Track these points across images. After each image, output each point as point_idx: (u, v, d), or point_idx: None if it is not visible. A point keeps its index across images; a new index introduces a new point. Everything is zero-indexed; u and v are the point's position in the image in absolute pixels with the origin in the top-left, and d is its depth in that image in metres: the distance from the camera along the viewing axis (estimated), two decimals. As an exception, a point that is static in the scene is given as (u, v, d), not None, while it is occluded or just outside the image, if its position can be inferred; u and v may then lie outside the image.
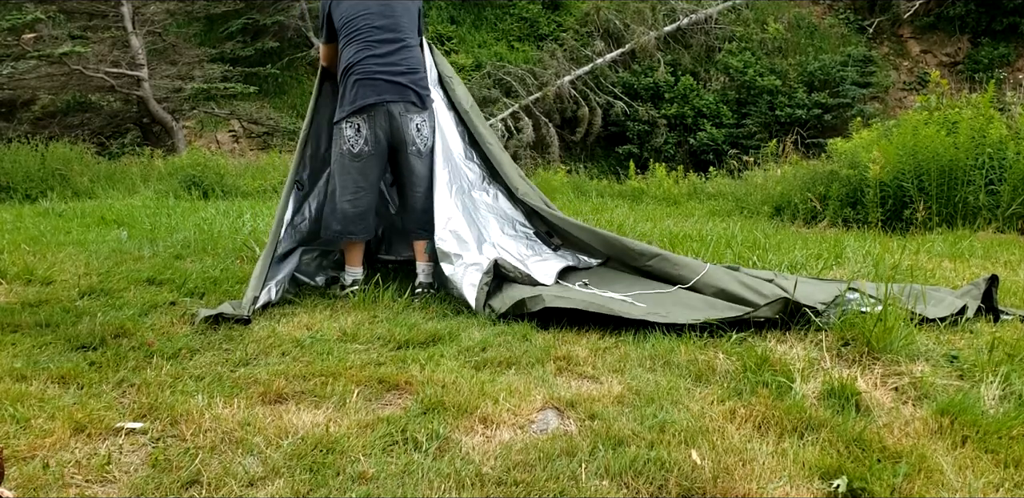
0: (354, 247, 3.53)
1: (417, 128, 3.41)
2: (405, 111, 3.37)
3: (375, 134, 3.37)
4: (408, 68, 3.40)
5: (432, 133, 3.48)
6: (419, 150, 3.44)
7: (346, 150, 3.41)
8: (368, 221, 3.48)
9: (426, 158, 3.46)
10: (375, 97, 3.34)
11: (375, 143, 3.39)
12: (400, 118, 3.37)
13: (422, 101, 3.43)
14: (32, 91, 12.86)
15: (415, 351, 2.64)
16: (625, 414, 2.07)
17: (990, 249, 4.71)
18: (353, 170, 3.42)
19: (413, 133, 3.39)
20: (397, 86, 3.36)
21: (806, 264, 4.09)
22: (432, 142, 3.47)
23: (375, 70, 3.35)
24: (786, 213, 6.89)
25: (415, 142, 3.41)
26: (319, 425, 1.99)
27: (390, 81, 3.35)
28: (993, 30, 13.72)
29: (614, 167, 12.46)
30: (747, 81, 12.67)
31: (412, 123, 3.39)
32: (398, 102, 3.36)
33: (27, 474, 1.72)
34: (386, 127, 3.37)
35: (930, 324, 2.85)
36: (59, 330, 2.84)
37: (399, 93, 3.36)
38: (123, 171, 9.68)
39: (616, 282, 3.34)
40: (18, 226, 5.63)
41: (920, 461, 1.79)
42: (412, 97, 3.39)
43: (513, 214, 3.70)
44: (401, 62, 3.39)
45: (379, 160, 3.45)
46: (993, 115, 6.15)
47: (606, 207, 7.92)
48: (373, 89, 3.34)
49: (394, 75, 3.36)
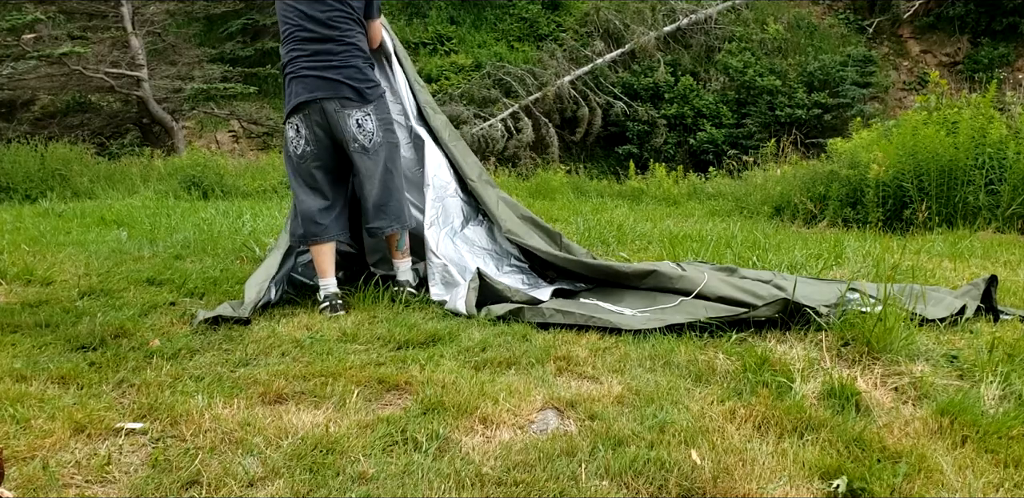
0: (321, 254, 3.32)
1: (358, 124, 3.24)
2: (341, 107, 3.23)
3: (314, 133, 3.26)
4: (341, 63, 3.24)
5: (380, 127, 3.30)
6: (363, 146, 3.27)
7: (291, 152, 3.33)
8: (328, 222, 3.32)
9: (376, 153, 3.30)
10: (306, 95, 3.23)
11: (315, 142, 3.27)
12: (336, 115, 3.23)
13: (360, 95, 3.25)
14: (32, 91, 12.87)
15: (415, 351, 2.64)
16: (625, 414, 2.07)
17: (990, 249, 4.71)
18: (302, 171, 3.33)
19: (353, 129, 3.24)
20: (328, 82, 3.22)
21: (806, 264, 4.09)
22: (381, 137, 3.30)
23: (304, 66, 3.24)
24: (786, 213, 6.90)
25: (357, 139, 3.25)
26: (319, 425, 1.99)
27: (321, 77, 3.22)
28: (993, 30, 13.72)
29: (614, 167, 12.46)
30: (747, 81, 12.67)
31: (351, 119, 3.23)
32: (331, 99, 3.22)
33: (27, 474, 1.72)
34: (324, 124, 3.25)
35: (930, 324, 2.85)
36: (59, 330, 2.84)
37: (331, 89, 3.22)
38: (123, 171, 9.68)
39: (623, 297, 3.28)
40: (18, 226, 5.63)
41: (920, 461, 1.79)
42: (346, 92, 3.23)
43: (508, 248, 3.65)
44: (332, 58, 3.24)
45: (325, 158, 3.31)
46: (993, 115, 6.15)
47: (606, 207, 7.92)
48: (304, 86, 3.23)
49: (324, 70, 3.22)
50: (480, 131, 11.91)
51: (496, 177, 10.49)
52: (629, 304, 3.17)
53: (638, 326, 2.81)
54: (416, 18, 14.80)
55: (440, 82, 12.98)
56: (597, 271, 3.47)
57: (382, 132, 3.30)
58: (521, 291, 3.27)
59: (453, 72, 13.47)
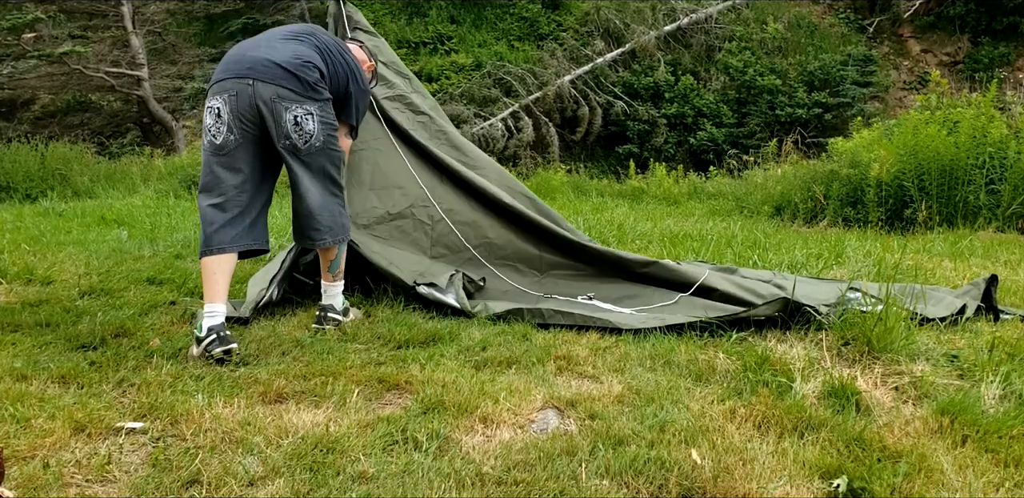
0: (210, 272, 2.70)
1: (296, 121, 2.72)
2: (278, 98, 2.69)
3: (239, 119, 2.70)
4: (294, 55, 2.75)
5: (323, 131, 2.80)
6: (295, 145, 2.75)
7: (207, 143, 2.75)
8: (239, 230, 2.77)
9: (310, 156, 2.80)
10: (236, 71, 2.71)
11: (241, 130, 2.71)
12: (271, 104, 2.70)
13: (306, 88, 2.74)
14: (32, 91, 12.87)
15: (415, 351, 2.64)
16: (625, 414, 2.07)
17: (990, 249, 4.70)
18: (216, 166, 2.73)
19: (289, 125, 2.71)
20: (273, 66, 2.71)
21: (806, 264, 4.09)
22: (322, 142, 2.81)
23: (245, 47, 2.81)
24: (786, 213, 6.90)
25: (290, 136, 2.73)
26: (319, 425, 1.99)
27: (264, 59, 2.71)
28: (993, 30, 13.71)
29: (614, 167, 12.45)
30: (747, 81, 12.66)
31: (288, 113, 2.71)
32: (268, 83, 2.68)
33: (27, 474, 1.72)
34: (255, 111, 2.70)
35: (930, 324, 2.85)
36: (59, 330, 2.85)
37: (272, 74, 2.70)
38: (123, 171, 9.68)
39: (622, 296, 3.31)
40: (18, 226, 5.63)
41: (920, 461, 1.79)
42: (290, 82, 2.71)
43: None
44: (285, 49, 2.77)
45: (250, 151, 2.76)
46: (994, 114, 6.15)
47: (606, 206, 7.92)
48: (238, 63, 2.73)
49: (270, 54, 2.73)
50: (480, 130, 11.90)
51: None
52: (628, 304, 3.18)
53: (637, 325, 2.81)
54: (416, 18, 14.78)
55: (440, 82, 12.97)
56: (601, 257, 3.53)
57: (323, 136, 2.81)
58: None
59: (453, 72, 13.45)
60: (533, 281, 3.56)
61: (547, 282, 3.56)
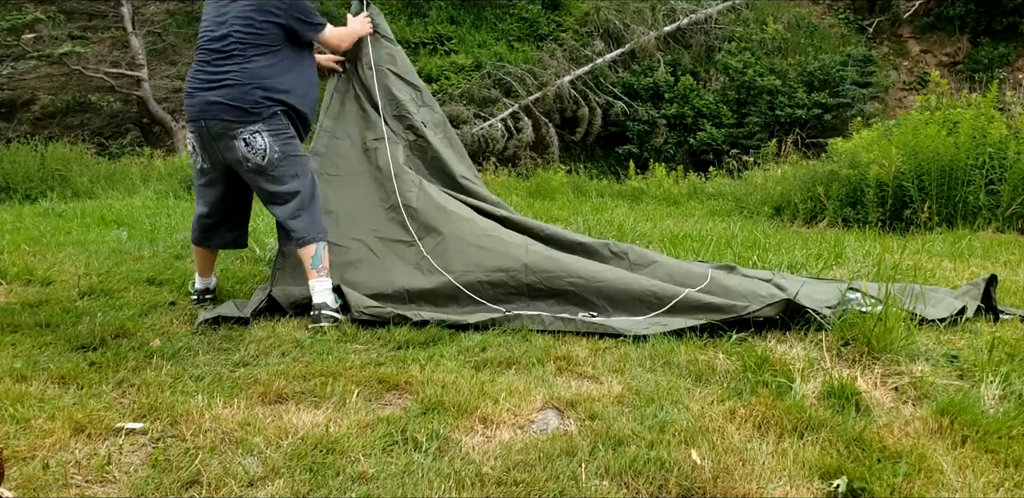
0: (200, 256, 3.38)
1: (246, 143, 3.05)
2: (225, 130, 3.05)
3: (205, 152, 3.16)
4: (234, 81, 3.04)
5: (278, 141, 3.08)
6: (258, 165, 3.08)
7: (195, 167, 3.29)
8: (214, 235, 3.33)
9: (277, 168, 3.09)
10: (192, 114, 3.12)
11: (206, 162, 3.18)
12: (222, 138, 3.07)
13: (248, 113, 3.04)
14: (32, 91, 12.87)
15: (415, 351, 2.64)
16: (625, 414, 2.07)
17: (990, 249, 4.71)
18: (198, 187, 3.29)
19: (242, 149, 3.05)
20: (211, 104, 3.05)
21: (806, 264, 4.09)
22: (276, 151, 3.08)
23: (195, 86, 3.12)
24: (786, 213, 6.90)
25: (248, 159, 3.07)
26: (319, 425, 1.99)
27: (206, 100, 3.06)
28: (993, 30, 13.71)
29: (614, 167, 12.45)
30: (747, 81, 12.66)
31: (238, 139, 3.05)
32: (216, 120, 3.05)
33: (27, 474, 1.72)
34: (213, 146, 3.11)
35: (930, 324, 2.85)
36: (59, 330, 2.84)
37: (216, 111, 3.04)
38: (123, 171, 9.68)
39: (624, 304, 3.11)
40: (18, 226, 5.63)
41: (920, 461, 1.79)
42: (229, 114, 3.03)
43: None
44: (224, 75, 3.05)
45: (218, 179, 3.21)
46: (993, 115, 6.15)
47: (606, 207, 7.92)
48: (192, 107, 3.12)
49: (209, 91, 3.05)
50: (480, 131, 11.90)
51: (497, 177, 10.49)
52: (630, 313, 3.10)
53: (641, 332, 2.80)
54: (416, 18, 14.78)
55: (440, 82, 12.96)
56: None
57: (279, 145, 3.09)
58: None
59: (453, 72, 13.45)
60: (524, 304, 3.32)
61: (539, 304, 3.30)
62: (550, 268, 3.17)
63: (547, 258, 3.23)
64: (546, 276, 3.16)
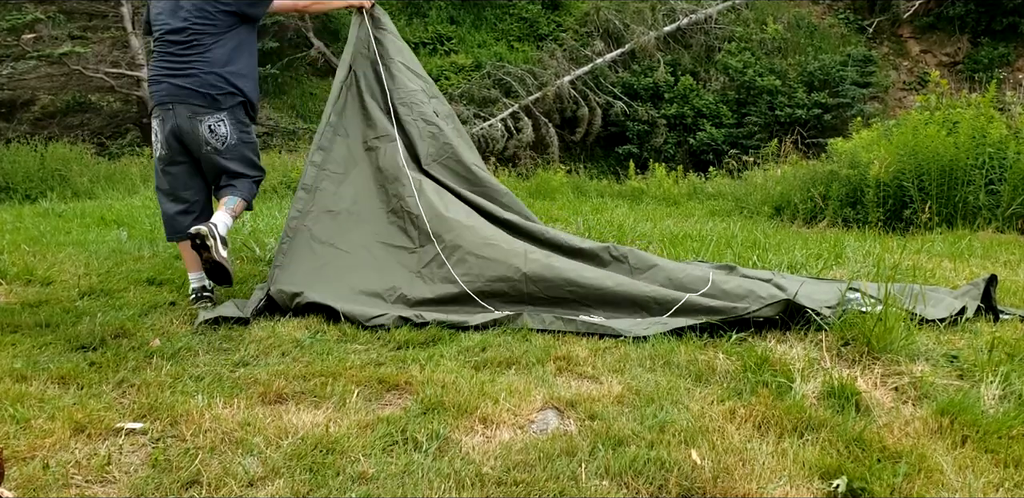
0: (186, 250, 3.38)
1: (210, 129, 3.27)
2: (192, 114, 3.24)
3: (167, 139, 3.29)
4: (199, 69, 3.25)
5: (236, 130, 3.34)
6: (216, 149, 3.31)
7: (156, 154, 3.39)
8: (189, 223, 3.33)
9: (231, 151, 3.33)
10: (159, 99, 3.28)
11: (168, 148, 3.31)
12: (189, 122, 3.25)
13: (215, 100, 3.27)
14: (32, 91, 12.85)
15: (415, 351, 2.65)
16: (625, 414, 2.07)
17: (990, 249, 4.71)
18: (160, 174, 3.38)
19: (206, 134, 3.27)
20: (180, 89, 3.24)
21: (806, 264, 4.09)
22: (234, 138, 3.33)
23: (161, 73, 3.28)
24: (786, 213, 6.90)
25: (210, 142, 3.29)
26: (319, 425, 1.99)
27: (173, 84, 3.24)
28: (993, 30, 13.71)
29: (614, 167, 12.45)
30: (747, 81, 12.66)
31: (203, 124, 3.26)
32: (184, 104, 3.24)
33: (27, 474, 1.72)
34: (177, 130, 3.27)
35: (930, 324, 2.85)
36: (59, 330, 2.85)
37: (184, 96, 3.24)
38: (123, 171, 9.68)
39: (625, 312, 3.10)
40: (18, 226, 5.63)
41: (920, 461, 1.79)
42: (198, 100, 3.24)
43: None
44: (188, 64, 3.25)
45: (182, 164, 3.35)
46: (993, 115, 6.15)
47: (606, 207, 7.92)
48: (159, 92, 3.28)
49: (176, 78, 3.24)
50: (480, 131, 11.90)
51: (496, 177, 10.47)
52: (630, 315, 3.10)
53: (641, 332, 2.80)
54: (416, 18, 14.78)
55: (440, 82, 12.96)
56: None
57: (237, 134, 3.35)
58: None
59: (453, 72, 13.46)
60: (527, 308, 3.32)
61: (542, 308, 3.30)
62: (549, 277, 3.16)
63: (546, 266, 3.20)
64: (546, 286, 3.16)
